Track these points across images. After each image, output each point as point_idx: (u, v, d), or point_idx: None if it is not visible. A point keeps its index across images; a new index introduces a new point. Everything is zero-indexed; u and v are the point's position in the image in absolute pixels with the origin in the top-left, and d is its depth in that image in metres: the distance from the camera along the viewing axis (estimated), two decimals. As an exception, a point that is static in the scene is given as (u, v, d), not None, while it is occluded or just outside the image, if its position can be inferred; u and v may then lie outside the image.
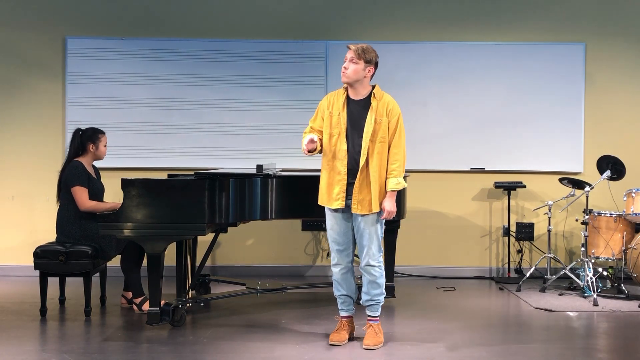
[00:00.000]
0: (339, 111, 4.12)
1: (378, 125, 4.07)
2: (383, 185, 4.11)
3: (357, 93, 4.13)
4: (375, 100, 4.11)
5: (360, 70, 4.06)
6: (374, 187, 4.07)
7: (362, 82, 4.11)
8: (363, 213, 4.09)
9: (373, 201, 4.07)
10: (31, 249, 4.92)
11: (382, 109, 4.09)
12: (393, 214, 4.11)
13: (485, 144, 6.56)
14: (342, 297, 4.31)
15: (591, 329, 4.83)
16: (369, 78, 4.14)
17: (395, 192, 4.11)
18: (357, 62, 4.06)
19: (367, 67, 4.09)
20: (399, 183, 4.09)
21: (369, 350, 4.11)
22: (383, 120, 4.08)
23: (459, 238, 6.65)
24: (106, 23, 6.51)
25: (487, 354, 4.07)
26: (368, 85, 4.15)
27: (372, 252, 4.13)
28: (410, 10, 6.60)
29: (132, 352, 4.07)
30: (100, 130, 5.14)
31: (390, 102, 4.13)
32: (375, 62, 4.13)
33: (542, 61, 6.54)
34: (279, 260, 6.62)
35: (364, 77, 4.10)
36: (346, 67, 4.08)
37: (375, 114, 4.08)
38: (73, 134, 5.09)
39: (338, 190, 4.11)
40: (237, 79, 6.51)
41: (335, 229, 4.20)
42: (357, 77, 4.08)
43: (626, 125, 6.62)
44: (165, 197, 4.44)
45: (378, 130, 4.07)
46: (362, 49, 4.07)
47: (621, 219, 5.79)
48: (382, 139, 4.08)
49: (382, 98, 4.13)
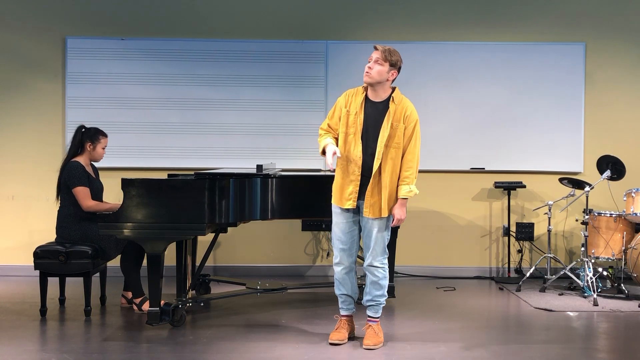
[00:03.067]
0: (356, 111, 4.06)
1: (394, 131, 4.02)
2: (394, 191, 4.08)
3: (377, 95, 4.07)
4: (394, 104, 4.04)
5: (384, 73, 3.99)
6: (385, 192, 4.05)
7: (383, 84, 4.04)
8: (373, 217, 4.09)
9: (383, 206, 4.06)
10: (31, 249, 4.92)
11: (399, 115, 4.03)
12: (402, 221, 4.12)
13: (485, 144, 6.56)
14: (343, 296, 4.31)
15: (591, 329, 4.83)
16: (390, 81, 4.07)
17: (406, 199, 4.10)
18: (382, 64, 3.98)
19: (391, 70, 4.02)
20: (411, 191, 4.06)
21: (369, 350, 4.12)
22: (399, 126, 4.03)
23: (459, 238, 6.65)
24: (106, 23, 6.51)
25: (487, 354, 4.07)
26: (389, 88, 4.09)
27: (376, 253, 4.13)
28: (410, 10, 6.60)
29: (132, 352, 4.07)
30: (103, 133, 5.13)
31: (408, 107, 4.06)
32: (399, 67, 4.06)
33: (542, 61, 6.54)
34: (279, 260, 6.62)
35: (386, 80, 4.03)
36: (370, 67, 3.99)
37: (392, 119, 4.02)
38: (76, 130, 5.09)
39: (350, 191, 4.09)
40: (237, 79, 6.51)
41: (340, 227, 4.17)
42: (381, 78, 4.00)
43: (626, 125, 6.62)
44: (165, 197, 4.44)
45: (393, 135, 4.02)
46: (389, 51, 3.99)
47: (621, 219, 5.79)
48: (396, 145, 4.04)
49: (401, 103, 4.06)
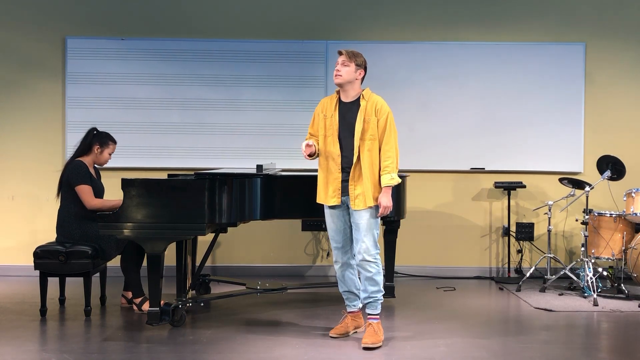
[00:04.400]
0: (332, 113, 4.33)
1: (367, 125, 4.23)
2: (376, 181, 4.26)
3: (348, 95, 4.31)
4: (364, 100, 4.29)
5: (352, 72, 4.26)
6: (367, 183, 4.21)
7: (353, 84, 4.29)
8: (359, 208, 4.22)
9: (367, 196, 4.21)
10: (31, 249, 4.92)
11: (370, 109, 4.26)
12: (389, 209, 4.24)
13: (485, 144, 6.56)
14: (346, 293, 4.46)
15: (591, 329, 4.83)
16: (359, 81, 4.32)
17: (390, 187, 4.25)
18: (348, 65, 4.26)
19: (358, 70, 4.29)
20: (393, 179, 4.23)
21: (367, 349, 4.12)
22: (372, 120, 4.24)
23: (459, 238, 6.66)
24: (106, 23, 6.51)
25: (487, 354, 4.08)
26: (359, 88, 4.34)
27: (366, 246, 4.22)
28: (411, 10, 6.59)
29: (132, 352, 4.07)
30: (113, 139, 5.19)
31: (378, 101, 4.30)
32: (365, 66, 4.32)
33: (542, 61, 6.54)
34: (279, 260, 6.62)
35: (355, 79, 4.29)
36: (339, 70, 4.27)
37: (365, 113, 4.25)
38: (87, 131, 5.14)
39: (334, 188, 4.29)
40: (237, 79, 6.51)
41: (332, 227, 4.36)
42: (349, 78, 4.26)
43: (626, 125, 6.62)
44: (165, 197, 4.44)
45: (367, 129, 4.23)
46: (352, 52, 4.29)
47: (621, 219, 5.79)
48: (371, 137, 4.23)
49: (371, 98, 4.31)
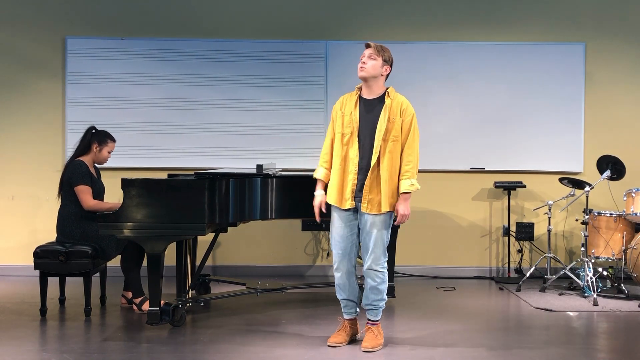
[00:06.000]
0: (351, 110, 4.09)
1: (391, 124, 4.03)
2: (394, 186, 4.05)
3: (372, 91, 4.11)
4: (390, 99, 4.07)
5: (378, 67, 4.05)
6: (384, 187, 4.01)
7: (377, 79, 4.09)
8: (372, 213, 4.03)
9: (383, 201, 4.01)
10: (31, 249, 4.92)
11: (396, 108, 4.05)
12: (407, 217, 4.04)
13: (485, 144, 6.56)
14: (344, 301, 4.26)
15: (591, 329, 4.83)
16: (384, 77, 4.12)
17: (409, 194, 4.05)
18: (375, 59, 4.05)
19: (385, 66, 4.08)
20: (413, 185, 4.03)
21: (367, 353, 4.08)
22: (397, 120, 4.04)
23: (459, 238, 6.65)
24: (106, 23, 6.51)
25: (487, 354, 4.07)
26: (383, 85, 4.13)
27: (376, 255, 4.05)
28: (411, 10, 6.59)
29: (132, 352, 4.07)
30: (112, 137, 5.17)
31: (404, 102, 4.10)
32: (391, 63, 4.13)
33: (542, 61, 6.54)
34: (279, 260, 6.62)
35: (380, 75, 4.08)
36: (365, 63, 4.05)
37: (389, 112, 4.03)
38: (86, 131, 5.13)
39: (349, 190, 4.07)
40: (237, 79, 6.51)
41: (339, 232, 4.12)
42: (375, 73, 4.05)
43: (626, 125, 6.62)
44: (165, 197, 4.44)
45: (391, 129, 4.03)
46: (380, 47, 4.08)
47: (621, 218, 5.79)
48: (394, 138, 4.03)
49: (396, 97, 4.09)
